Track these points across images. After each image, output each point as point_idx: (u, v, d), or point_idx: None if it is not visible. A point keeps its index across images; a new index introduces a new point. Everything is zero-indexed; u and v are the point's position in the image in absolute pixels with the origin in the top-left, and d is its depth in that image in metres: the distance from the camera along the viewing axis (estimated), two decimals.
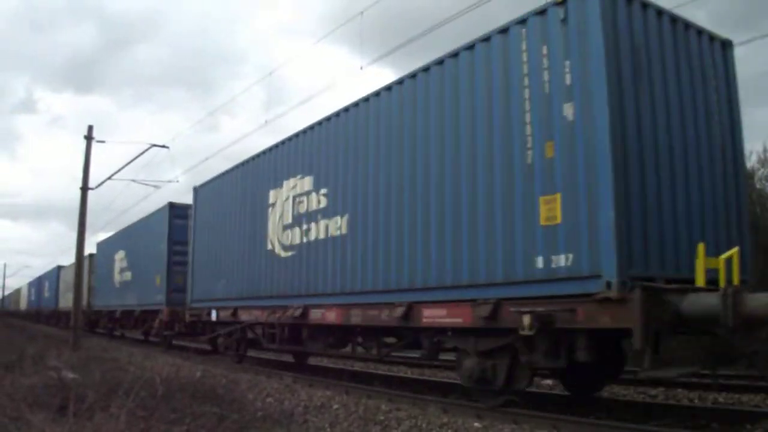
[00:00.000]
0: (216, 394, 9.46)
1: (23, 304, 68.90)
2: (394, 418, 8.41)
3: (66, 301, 36.90)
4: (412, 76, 10.03)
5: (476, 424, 7.71)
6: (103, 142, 22.70)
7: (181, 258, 20.34)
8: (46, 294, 49.69)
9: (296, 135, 13.34)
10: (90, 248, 34.03)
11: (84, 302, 29.04)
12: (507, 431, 7.38)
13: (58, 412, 6.83)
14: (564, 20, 7.63)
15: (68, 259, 51.90)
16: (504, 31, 8.47)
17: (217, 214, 17.04)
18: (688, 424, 7.56)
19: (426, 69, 9.74)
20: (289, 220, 13.25)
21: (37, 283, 57.60)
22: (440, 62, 9.49)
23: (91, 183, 22.51)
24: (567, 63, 7.57)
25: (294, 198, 13.09)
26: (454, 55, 9.25)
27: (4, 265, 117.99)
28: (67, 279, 36.53)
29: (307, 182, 12.72)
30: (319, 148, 12.39)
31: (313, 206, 12.38)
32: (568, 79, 7.53)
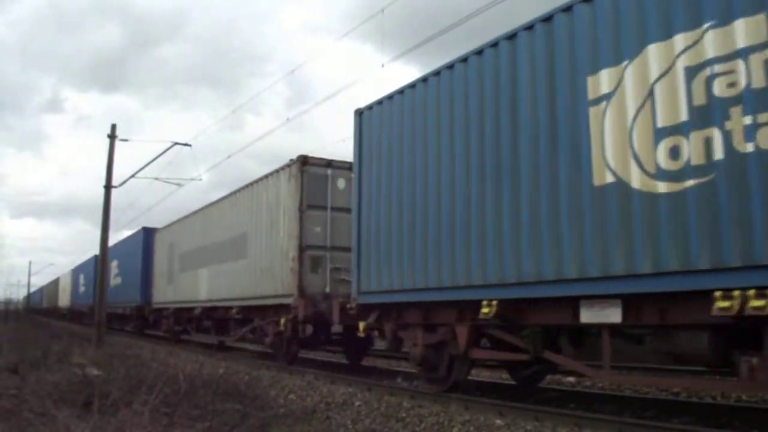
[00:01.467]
0: (238, 391, 9.53)
1: (64, 300, 51.12)
2: (416, 415, 8.41)
3: (175, 293, 22.20)
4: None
5: (498, 422, 7.69)
6: (126, 140, 22.80)
7: None
8: (116, 281, 31.10)
9: None
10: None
11: (289, 286, 13.92)
12: (529, 428, 7.36)
13: (82, 409, 6.91)
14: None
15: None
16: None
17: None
18: (711, 422, 7.49)
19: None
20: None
21: (92, 267, 36.28)
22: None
23: (115, 181, 22.67)
24: None
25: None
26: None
27: (29, 263, 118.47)
28: (181, 247, 21.92)
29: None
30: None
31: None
32: None
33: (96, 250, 27.73)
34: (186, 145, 23.43)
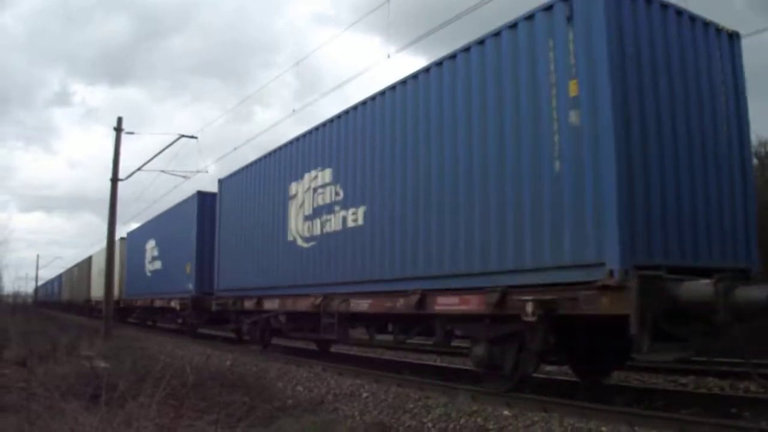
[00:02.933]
0: (246, 383, 9.53)
1: (99, 290, 30.29)
2: (423, 407, 8.39)
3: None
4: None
5: (506, 412, 7.66)
6: (132, 133, 22.91)
7: None
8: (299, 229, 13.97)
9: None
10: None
11: None
12: (537, 419, 7.33)
13: (90, 401, 6.91)
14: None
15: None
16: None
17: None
18: (719, 411, 7.45)
19: (453, 56, 9.68)
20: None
21: (194, 223, 20.62)
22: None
23: (122, 174, 22.65)
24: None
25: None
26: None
27: (37, 256, 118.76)
28: None
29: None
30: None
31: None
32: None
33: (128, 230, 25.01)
34: (192, 137, 23.43)
